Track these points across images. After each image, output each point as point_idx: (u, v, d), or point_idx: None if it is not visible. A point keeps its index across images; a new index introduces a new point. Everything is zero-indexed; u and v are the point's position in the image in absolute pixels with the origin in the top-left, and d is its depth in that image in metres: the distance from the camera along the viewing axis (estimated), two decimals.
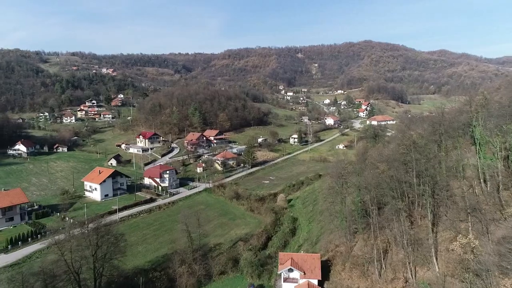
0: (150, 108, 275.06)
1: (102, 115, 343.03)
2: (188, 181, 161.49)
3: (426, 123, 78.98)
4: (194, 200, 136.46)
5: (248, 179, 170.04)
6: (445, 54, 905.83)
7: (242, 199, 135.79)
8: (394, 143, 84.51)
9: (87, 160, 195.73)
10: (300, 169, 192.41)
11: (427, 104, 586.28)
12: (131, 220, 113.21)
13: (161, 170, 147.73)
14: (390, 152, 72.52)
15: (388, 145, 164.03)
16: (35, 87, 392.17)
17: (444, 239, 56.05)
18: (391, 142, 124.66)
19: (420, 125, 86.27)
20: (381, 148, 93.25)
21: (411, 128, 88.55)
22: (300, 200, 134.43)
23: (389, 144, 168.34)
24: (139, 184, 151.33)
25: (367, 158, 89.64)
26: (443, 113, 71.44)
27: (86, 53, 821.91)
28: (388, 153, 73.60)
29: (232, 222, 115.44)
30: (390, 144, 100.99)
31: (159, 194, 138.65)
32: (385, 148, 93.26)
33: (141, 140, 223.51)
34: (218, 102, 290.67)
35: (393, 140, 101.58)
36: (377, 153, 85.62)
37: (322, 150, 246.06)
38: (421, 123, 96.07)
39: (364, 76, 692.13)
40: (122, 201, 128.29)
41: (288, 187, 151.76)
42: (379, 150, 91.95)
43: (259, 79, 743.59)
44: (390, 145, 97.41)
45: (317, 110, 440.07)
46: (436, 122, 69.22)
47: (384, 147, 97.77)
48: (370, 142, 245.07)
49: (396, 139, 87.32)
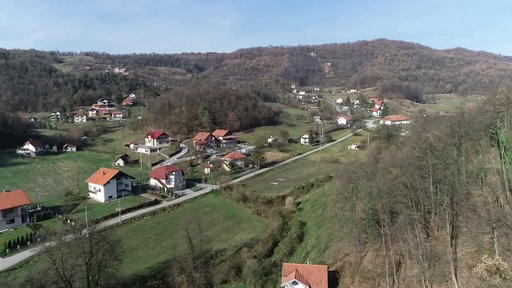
0: (160, 107, 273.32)
1: (113, 115, 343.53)
2: (195, 182, 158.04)
3: (444, 124, 73.05)
4: (200, 202, 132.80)
5: (256, 181, 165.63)
6: (462, 52, 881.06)
7: (249, 201, 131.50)
8: (408, 145, 78.66)
9: (95, 160, 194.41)
10: (310, 170, 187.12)
11: (443, 103, 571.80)
12: (133, 223, 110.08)
13: (166, 171, 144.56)
14: (404, 155, 67.00)
15: (402, 147, 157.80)
16: (48, 87, 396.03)
17: (465, 254, 50.63)
18: (405, 144, 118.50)
19: (436, 126, 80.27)
20: (394, 151, 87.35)
21: (427, 129, 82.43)
22: (309, 203, 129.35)
23: (403, 146, 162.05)
24: (145, 185, 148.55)
25: (379, 161, 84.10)
26: (463, 114, 65.58)
27: (100, 53, 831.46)
28: (401, 156, 68.10)
29: (237, 226, 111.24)
30: (404, 146, 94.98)
31: (164, 195, 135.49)
32: (399, 150, 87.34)
33: (150, 140, 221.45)
34: (228, 102, 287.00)
35: (408, 142, 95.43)
36: (390, 156, 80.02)
37: (333, 150, 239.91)
38: (438, 124, 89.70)
39: (378, 75, 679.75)
40: (126, 202, 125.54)
41: (297, 189, 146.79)
42: (392, 153, 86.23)
43: (271, 78, 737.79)
44: (404, 148, 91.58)
45: (329, 110, 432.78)
46: (455, 123, 63.45)
47: (398, 150, 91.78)
48: (383, 142, 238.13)
49: (410, 141, 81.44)
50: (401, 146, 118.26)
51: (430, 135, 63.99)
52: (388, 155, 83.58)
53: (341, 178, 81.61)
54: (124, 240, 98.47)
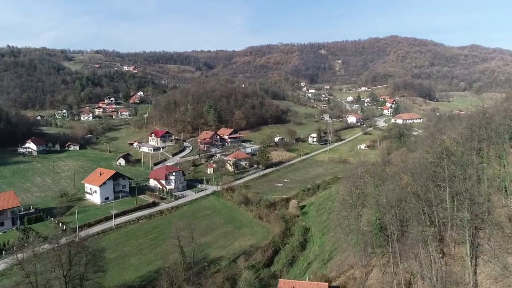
0: (165, 105, 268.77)
1: (119, 113, 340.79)
2: (197, 183, 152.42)
3: (462, 126, 65.58)
4: (200, 205, 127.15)
5: (260, 182, 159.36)
6: (477, 49, 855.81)
7: (252, 204, 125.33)
8: (421, 148, 71.34)
9: (97, 159, 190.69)
10: (317, 171, 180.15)
11: (457, 101, 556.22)
12: (128, 226, 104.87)
13: (166, 171, 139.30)
14: (416, 160, 59.94)
15: (414, 149, 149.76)
16: (56, 85, 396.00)
17: (486, 277, 43.65)
18: (418, 145, 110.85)
19: (453, 127, 72.84)
20: (405, 154, 79.90)
21: (442, 131, 74.96)
22: (314, 207, 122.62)
23: (415, 148, 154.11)
24: (144, 186, 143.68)
25: (389, 164, 76.96)
26: (485, 113, 58.07)
27: (110, 51, 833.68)
28: (413, 161, 61.02)
29: (237, 231, 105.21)
30: (417, 148, 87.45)
31: (164, 197, 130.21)
32: (411, 153, 79.87)
33: (153, 138, 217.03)
34: (235, 100, 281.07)
35: (420, 144, 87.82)
36: (400, 159, 72.85)
37: (342, 150, 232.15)
38: (454, 124, 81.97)
39: (390, 72, 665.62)
40: (123, 204, 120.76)
41: (302, 191, 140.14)
42: (403, 156, 78.93)
43: (280, 76, 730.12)
44: (416, 150, 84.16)
45: (339, 108, 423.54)
46: (475, 124, 56.08)
47: (410, 152, 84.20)
48: (394, 142, 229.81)
49: (423, 144, 74.01)
50: (413, 148, 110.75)
51: (446, 137, 56.68)
52: (399, 158, 76.30)
53: (347, 183, 74.71)
54: (116, 245, 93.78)
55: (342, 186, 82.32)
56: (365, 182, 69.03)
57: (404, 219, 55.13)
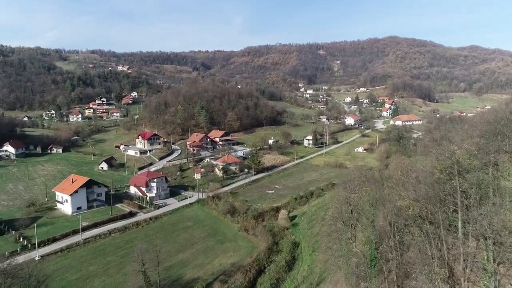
0: (155, 106, 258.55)
1: (110, 114, 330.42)
2: (182, 189, 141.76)
3: (476, 133, 55.77)
4: (182, 215, 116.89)
5: (250, 188, 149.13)
6: (477, 50, 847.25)
7: (238, 214, 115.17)
8: (423, 156, 60.99)
9: (79, 163, 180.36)
10: (311, 176, 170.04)
11: (457, 102, 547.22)
12: (98, 241, 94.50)
13: (147, 178, 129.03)
14: (419, 173, 49.86)
15: (413, 154, 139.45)
16: (45, 85, 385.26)
17: None
18: (419, 151, 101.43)
19: (462, 133, 62.89)
20: (406, 164, 69.36)
21: (450, 138, 64.86)
22: (306, 218, 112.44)
23: (415, 152, 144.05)
24: (124, 193, 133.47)
25: (388, 179, 66.71)
26: (507, 118, 47.99)
27: (106, 50, 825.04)
28: (416, 174, 50.93)
29: (219, 247, 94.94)
30: (417, 155, 77.25)
31: (143, 206, 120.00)
32: (413, 163, 69.53)
33: (140, 141, 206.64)
34: (228, 100, 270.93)
35: (423, 150, 77.65)
36: (400, 170, 62.69)
37: (339, 153, 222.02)
38: (463, 130, 71.84)
39: (389, 73, 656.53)
40: (96, 215, 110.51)
41: (294, 199, 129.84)
42: (403, 166, 68.76)
43: (278, 77, 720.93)
44: (416, 156, 74.03)
45: (336, 109, 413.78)
46: (490, 131, 46.15)
47: (411, 162, 73.62)
48: (393, 145, 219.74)
49: (427, 152, 63.89)
50: (411, 153, 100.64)
51: (455, 146, 46.62)
52: (398, 169, 66.08)
53: (338, 199, 64.65)
54: (81, 264, 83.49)
55: (332, 203, 72.07)
56: (359, 197, 58.96)
57: (405, 245, 45.06)
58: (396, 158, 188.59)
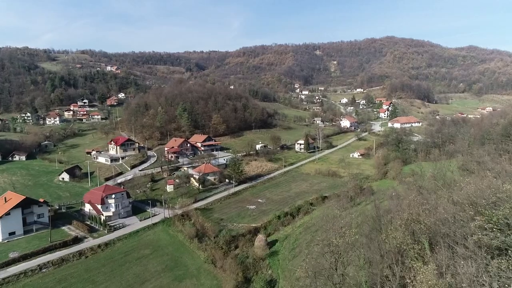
0: (135, 108, 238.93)
1: (91, 116, 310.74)
2: (146, 206, 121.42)
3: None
4: (140, 240, 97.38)
5: (228, 203, 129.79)
6: (475, 50, 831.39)
7: (208, 238, 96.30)
8: (442, 199, 41.31)
9: (40, 173, 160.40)
10: (300, 187, 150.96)
11: (456, 103, 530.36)
12: (22, 280, 74.81)
13: (104, 193, 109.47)
14: (440, 214, 30.97)
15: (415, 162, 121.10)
16: (25, 85, 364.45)
17: None
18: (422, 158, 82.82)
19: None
20: (417, 200, 48.31)
21: (488, 166, 45.68)
22: (288, 244, 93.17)
23: (417, 159, 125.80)
24: (77, 212, 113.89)
25: (387, 213, 47.34)
26: None
27: (97, 51, 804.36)
28: (434, 218, 31.93)
29: (176, 286, 75.76)
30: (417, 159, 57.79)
31: (95, 228, 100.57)
32: (425, 199, 48.89)
33: (113, 147, 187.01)
34: (214, 102, 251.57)
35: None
36: (408, 205, 43.15)
37: (332, 159, 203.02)
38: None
39: (386, 73, 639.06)
40: (34, 242, 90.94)
41: (277, 218, 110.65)
42: (412, 200, 48.78)
43: (273, 77, 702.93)
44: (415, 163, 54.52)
45: (332, 111, 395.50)
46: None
47: (423, 199, 52.69)
48: (392, 151, 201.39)
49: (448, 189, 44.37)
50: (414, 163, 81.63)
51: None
52: (404, 202, 46.55)
53: (320, 243, 45.52)
54: None
55: (316, 247, 52.89)
56: (347, 243, 39.83)
57: None
58: (395, 166, 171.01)
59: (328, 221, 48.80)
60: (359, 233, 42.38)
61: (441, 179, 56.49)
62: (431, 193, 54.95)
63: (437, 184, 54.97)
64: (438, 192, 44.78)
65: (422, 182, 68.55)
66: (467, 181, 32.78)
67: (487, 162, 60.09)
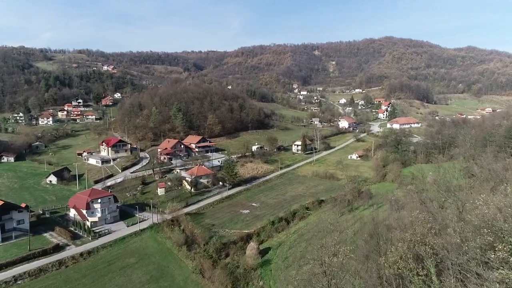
0: (128, 108, 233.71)
1: (85, 116, 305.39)
2: (135, 211, 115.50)
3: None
4: (126, 247, 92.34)
5: (221, 207, 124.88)
6: (474, 51, 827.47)
7: (198, 245, 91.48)
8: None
9: (27, 175, 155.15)
10: (297, 190, 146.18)
11: (455, 104, 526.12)
12: None
13: (89, 198, 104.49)
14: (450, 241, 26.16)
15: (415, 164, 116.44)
16: (18, 85, 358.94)
17: None
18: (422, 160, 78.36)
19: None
20: (418, 223, 42.58)
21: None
22: (281, 252, 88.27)
23: (416, 161, 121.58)
24: (61, 217, 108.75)
25: (390, 229, 42.36)
26: None
27: (94, 50, 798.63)
28: (445, 242, 27.15)
29: None
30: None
31: (78, 235, 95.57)
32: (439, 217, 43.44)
33: (105, 148, 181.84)
34: (210, 102, 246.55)
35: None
36: (416, 225, 38.19)
37: (330, 161, 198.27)
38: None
39: (385, 73, 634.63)
40: (12, 250, 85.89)
41: (271, 223, 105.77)
42: (418, 220, 43.78)
43: (271, 77, 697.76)
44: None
45: (330, 111, 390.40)
46: None
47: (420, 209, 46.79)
48: (391, 152, 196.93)
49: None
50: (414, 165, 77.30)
51: None
52: (407, 218, 41.41)
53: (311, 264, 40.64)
54: None
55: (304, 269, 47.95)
56: (339, 269, 34.94)
57: None
58: (394, 168, 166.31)
59: (321, 238, 43.90)
60: (355, 251, 37.61)
61: (444, 185, 51.73)
62: (433, 202, 50.17)
63: (440, 191, 50.23)
64: (445, 206, 40.05)
65: (424, 188, 63.68)
66: (483, 199, 27.87)
67: (498, 170, 55.03)
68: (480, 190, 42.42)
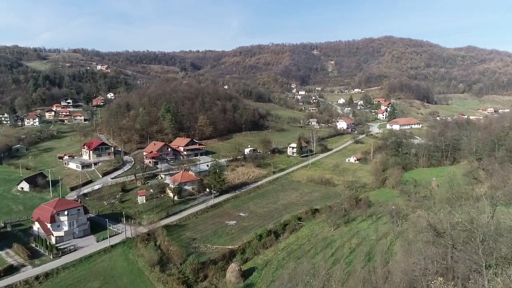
0: (115, 109, 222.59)
1: (73, 117, 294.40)
2: (113, 220, 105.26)
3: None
4: (91, 268, 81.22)
5: (205, 217, 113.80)
6: (474, 50, 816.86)
7: (174, 265, 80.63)
8: None
9: (0, 181, 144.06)
10: (290, 197, 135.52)
11: (456, 104, 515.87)
12: None
13: (55, 209, 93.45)
14: None
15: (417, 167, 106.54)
16: (6, 84, 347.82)
17: None
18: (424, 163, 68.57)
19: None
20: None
21: None
22: (267, 274, 77.23)
23: (418, 165, 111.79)
24: (28, 229, 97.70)
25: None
26: None
27: (89, 50, 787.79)
28: None
29: None
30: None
31: (38, 253, 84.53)
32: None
33: (86, 151, 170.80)
34: (202, 102, 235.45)
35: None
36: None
37: (326, 164, 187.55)
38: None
39: (384, 73, 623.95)
40: None
41: (257, 237, 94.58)
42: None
43: (269, 77, 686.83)
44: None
45: (329, 111, 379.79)
46: None
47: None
48: (391, 155, 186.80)
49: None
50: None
51: None
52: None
53: None
54: None
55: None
56: None
57: None
58: (394, 172, 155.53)
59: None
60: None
61: (460, 210, 40.71)
62: (447, 238, 39.21)
63: (458, 220, 38.89)
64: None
65: (433, 209, 52.56)
66: None
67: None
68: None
